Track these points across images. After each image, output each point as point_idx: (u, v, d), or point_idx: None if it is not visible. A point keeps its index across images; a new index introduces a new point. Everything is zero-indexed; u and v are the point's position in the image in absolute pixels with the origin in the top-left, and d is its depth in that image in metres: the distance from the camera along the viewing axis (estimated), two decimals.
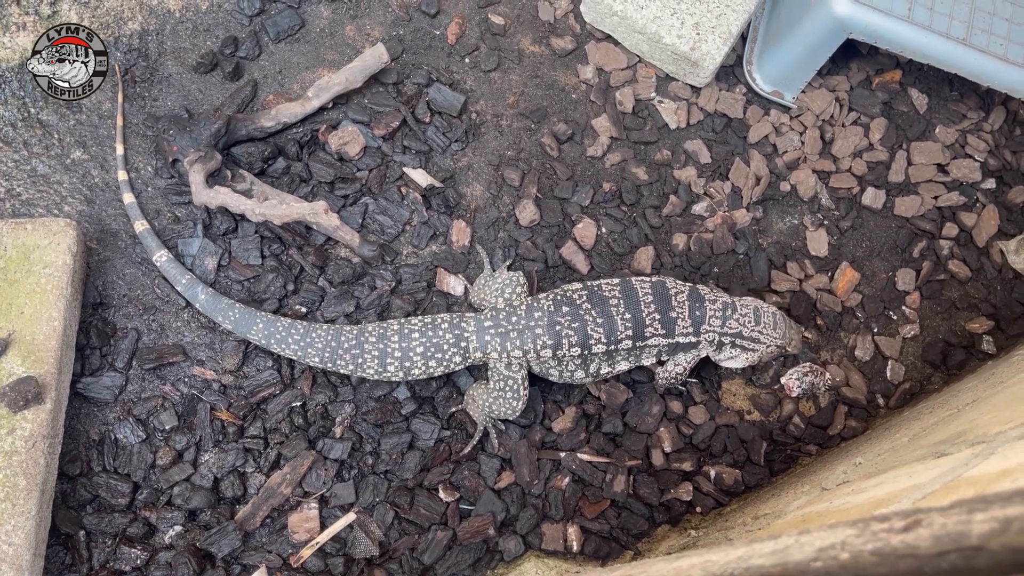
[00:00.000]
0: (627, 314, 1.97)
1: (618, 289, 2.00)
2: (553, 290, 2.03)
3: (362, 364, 1.94)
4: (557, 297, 1.99)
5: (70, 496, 1.90)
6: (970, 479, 1.12)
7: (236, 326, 1.98)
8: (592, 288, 2.00)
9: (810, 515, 1.58)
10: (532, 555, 1.96)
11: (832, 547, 0.73)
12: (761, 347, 2.08)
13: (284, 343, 1.95)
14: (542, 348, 1.94)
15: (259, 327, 1.96)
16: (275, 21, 2.41)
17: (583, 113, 2.51)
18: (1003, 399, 1.63)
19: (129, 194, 2.10)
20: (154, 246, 2.04)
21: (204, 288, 2.00)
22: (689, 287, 2.06)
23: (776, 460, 2.20)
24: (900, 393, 2.33)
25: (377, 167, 2.31)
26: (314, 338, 1.94)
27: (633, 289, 2.00)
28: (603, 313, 1.96)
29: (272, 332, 1.95)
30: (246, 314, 1.97)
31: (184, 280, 2.01)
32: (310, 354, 1.95)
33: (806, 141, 2.58)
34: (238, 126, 2.21)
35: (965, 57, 2.39)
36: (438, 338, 1.94)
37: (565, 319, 1.95)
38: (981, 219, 2.55)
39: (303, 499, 1.95)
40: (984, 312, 2.46)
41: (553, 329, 1.94)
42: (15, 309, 1.85)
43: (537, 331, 1.94)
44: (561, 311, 1.95)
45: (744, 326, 2.05)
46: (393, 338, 1.94)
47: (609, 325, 1.95)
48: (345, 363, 1.94)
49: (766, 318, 2.08)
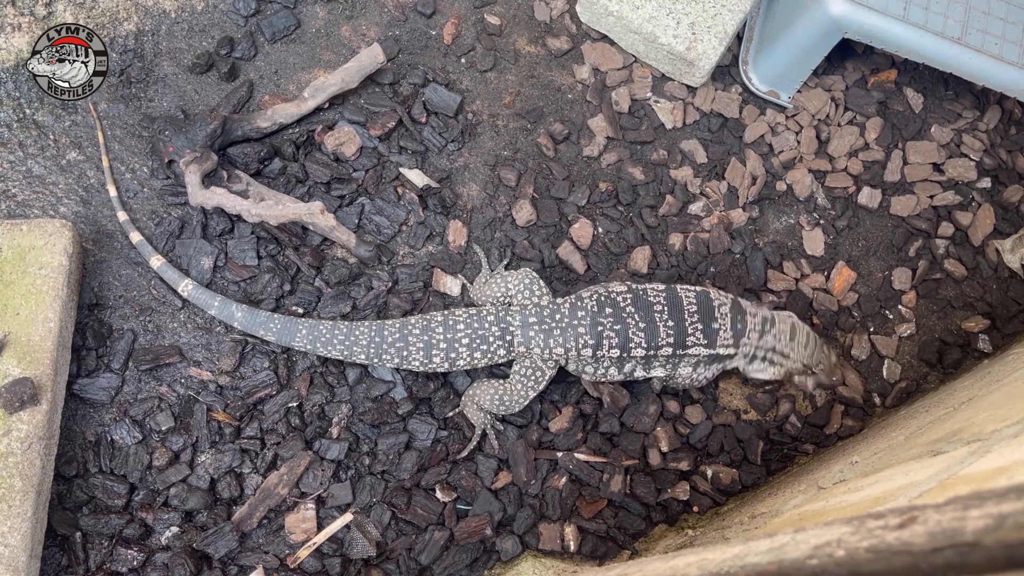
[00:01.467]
0: (670, 321, 1.98)
1: (663, 296, 2.01)
2: (595, 289, 2.04)
3: (407, 357, 1.95)
4: (600, 298, 1.99)
5: (66, 497, 1.89)
6: (966, 477, 1.13)
7: (279, 336, 1.97)
8: (637, 292, 2.01)
9: (807, 514, 1.58)
10: (529, 555, 1.96)
11: (828, 545, 0.73)
12: (787, 362, 2.11)
13: (330, 345, 1.96)
14: (583, 347, 1.95)
15: (303, 333, 1.96)
16: (271, 22, 2.41)
17: (579, 113, 2.51)
18: (999, 397, 1.63)
19: (142, 238, 2.08)
20: (176, 277, 2.03)
21: (239, 306, 1.99)
22: (731, 299, 2.07)
23: (773, 459, 2.20)
24: (896, 392, 2.33)
25: (373, 167, 2.31)
26: (358, 335, 1.95)
27: (678, 297, 2.01)
28: (646, 318, 1.97)
29: (317, 336, 1.96)
30: (288, 323, 1.97)
31: (216, 303, 2.00)
32: (356, 352, 1.96)
33: (802, 141, 2.58)
34: (234, 127, 2.21)
35: (960, 56, 2.39)
36: (484, 330, 1.95)
37: (608, 320, 1.96)
38: (977, 218, 2.56)
39: (300, 500, 1.95)
40: (980, 311, 2.47)
41: (595, 329, 1.95)
42: (11, 310, 1.84)
43: (580, 330, 1.95)
44: (604, 312, 1.96)
45: (778, 341, 2.09)
46: (438, 330, 1.95)
47: (651, 330, 1.97)
48: (391, 356, 1.95)
49: (800, 336, 2.11)
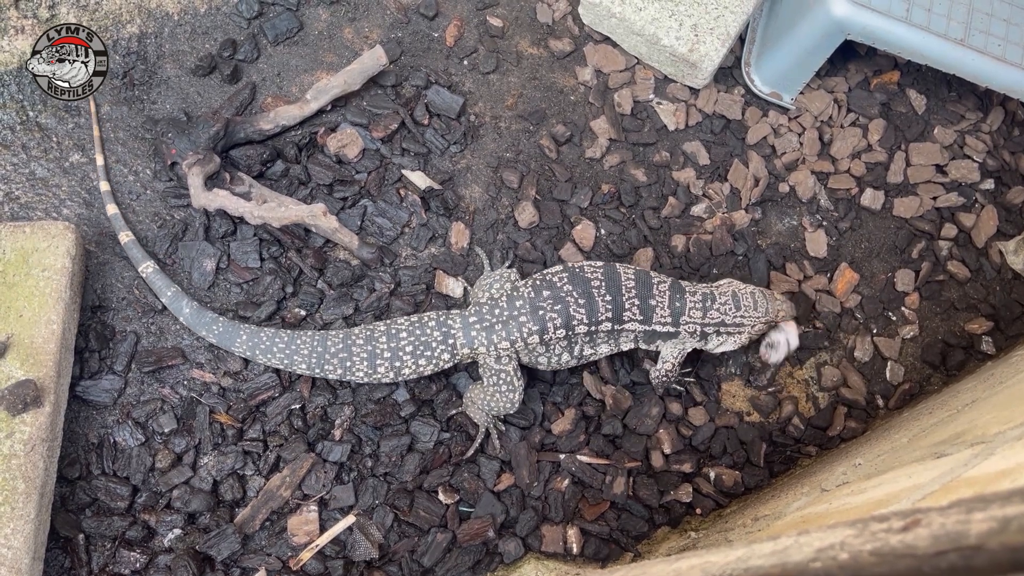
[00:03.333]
0: (607, 296, 1.97)
1: (601, 272, 2.00)
2: (531, 276, 2.03)
3: (351, 368, 1.94)
4: (536, 282, 1.98)
5: (69, 499, 1.89)
6: (969, 479, 1.12)
7: (220, 339, 1.98)
8: (574, 270, 2.00)
9: (810, 516, 1.58)
10: (532, 557, 1.96)
11: (831, 547, 0.73)
12: (747, 329, 2.08)
13: (269, 353, 1.95)
14: (528, 335, 1.93)
15: (242, 339, 1.96)
16: (273, 24, 2.41)
17: (582, 115, 2.51)
18: (1002, 399, 1.63)
19: (112, 205, 2.11)
20: (140, 256, 2.04)
21: (189, 302, 2.00)
22: (671, 279, 2.06)
23: (776, 461, 2.20)
24: (899, 394, 2.33)
25: (376, 169, 2.31)
26: (299, 345, 1.94)
27: (616, 273, 2.01)
28: (585, 294, 1.96)
29: (256, 343, 1.95)
30: (229, 327, 1.97)
31: (169, 293, 2.01)
32: (296, 362, 1.95)
33: (804, 142, 2.58)
34: (237, 129, 2.21)
35: (963, 58, 2.39)
36: (426, 336, 1.94)
37: (547, 303, 1.94)
38: (980, 220, 2.55)
39: (302, 502, 1.95)
40: (983, 313, 2.46)
41: (536, 314, 1.94)
42: (14, 312, 1.85)
43: (521, 319, 1.94)
44: (542, 295, 1.95)
45: (725, 315, 2.05)
46: (381, 339, 1.94)
47: (591, 306, 1.95)
48: (333, 367, 1.94)
49: (745, 300, 2.07)
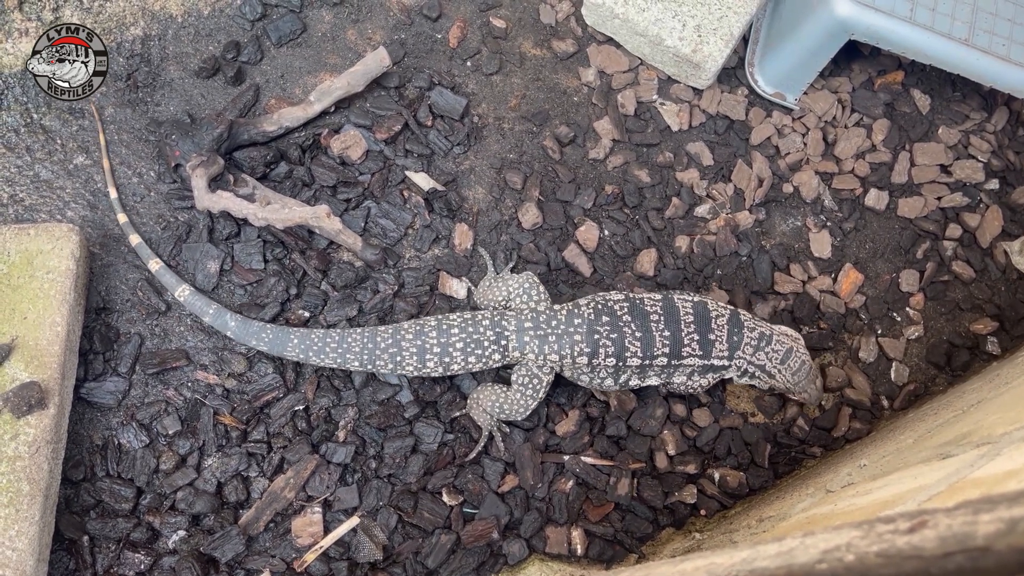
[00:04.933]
0: (666, 331, 1.97)
1: (660, 305, 1.99)
2: (593, 297, 2.02)
3: (401, 362, 1.94)
4: (598, 306, 1.98)
5: (73, 501, 1.90)
6: (975, 480, 1.12)
7: (271, 346, 1.98)
8: (634, 301, 2.00)
9: (815, 517, 1.57)
10: (536, 558, 1.96)
11: (837, 549, 0.73)
12: (772, 382, 2.10)
13: (323, 353, 1.95)
14: (579, 355, 1.94)
15: (294, 343, 1.96)
16: (277, 26, 2.41)
17: (585, 116, 2.51)
18: (1008, 400, 1.62)
19: (135, 235, 2.09)
20: (173, 281, 2.03)
21: (233, 315, 2.00)
22: (730, 311, 2.06)
23: (780, 462, 2.19)
24: (904, 395, 2.32)
25: (379, 171, 2.31)
26: (351, 343, 1.94)
27: (675, 307, 2.00)
28: (642, 327, 1.96)
29: (309, 345, 1.96)
30: (279, 333, 1.97)
31: (211, 311, 2.00)
32: (349, 359, 1.95)
33: (808, 143, 2.57)
34: (240, 131, 2.22)
35: (967, 58, 2.38)
36: (479, 335, 1.95)
37: (604, 328, 1.95)
38: (984, 220, 2.55)
39: (307, 503, 1.95)
40: (988, 313, 2.45)
41: (591, 337, 1.94)
42: (18, 314, 1.85)
43: (576, 337, 1.94)
44: (601, 320, 1.95)
45: (769, 360, 2.06)
46: (431, 334, 1.94)
47: (647, 340, 1.95)
48: (384, 363, 1.95)
49: (792, 361, 2.08)
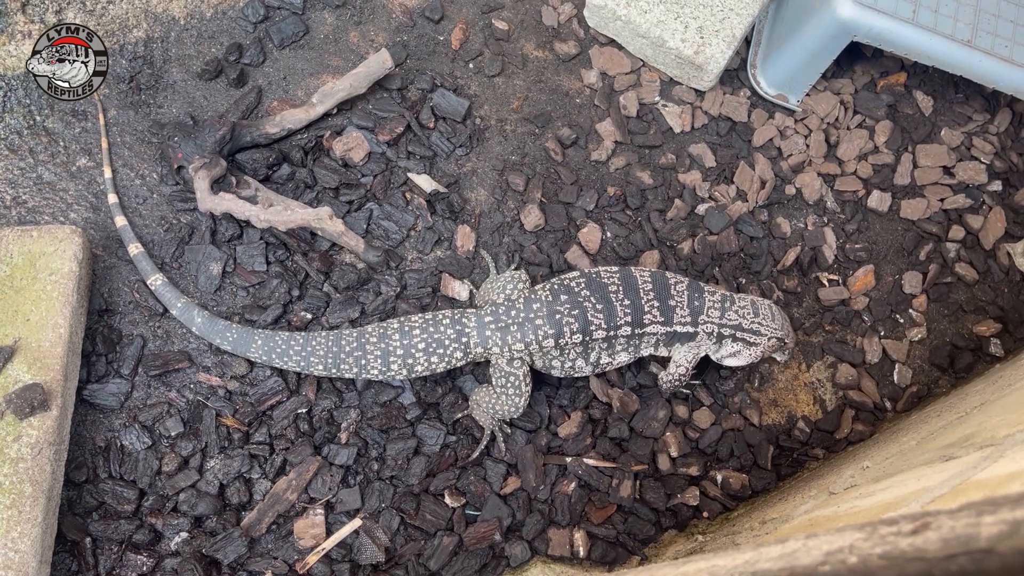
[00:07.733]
0: (626, 300, 1.97)
1: (617, 276, 2.00)
2: (549, 280, 2.03)
3: (366, 365, 1.94)
4: (554, 287, 1.99)
5: (76, 503, 1.90)
6: (979, 482, 1.12)
7: (234, 346, 1.98)
8: (590, 276, 2.00)
9: (818, 519, 1.57)
10: (539, 560, 1.95)
11: (840, 551, 0.73)
12: (763, 340, 2.06)
13: (286, 356, 1.96)
14: (544, 339, 1.93)
15: (258, 344, 1.97)
16: (279, 28, 2.42)
17: (587, 117, 2.51)
18: (1011, 402, 1.62)
19: (121, 216, 2.11)
20: (148, 269, 2.05)
21: (200, 311, 2.01)
22: (688, 279, 2.05)
23: (783, 464, 2.19)
24: (907, 396, 2.32)
25: (382, 173, 2.31)
26: (315, 346, 1.94)
27: (633, 277, 2.00)
28: (603, 299, 1.96)
29: (272, 347, 1.96)
30: (244, 333, 1.98)
31: (179, 304, 2.01)
32: (313, 363, 1.95)
33: (811, 144, 2.57)
34: (243, 132, 2.22)
35: (970, 59, 2.38)
36: (440, 333, 1.94)
37: (564, 307, 1.94)
38: (988, 221, 2.54)
39: (309, 505, 1.95)
40: (991, 315, 2.45)
41: (553, 318, 1.93)
42: (21, 316, 1.85)
43: (537, 322, 1.94)
44: (559, 300, 1.95)
45: (743, 318, 2.04)
46: (394, 336, 1.94)
47: (608, 311, 1.95)
48: (349, 367, 1.95)
49: (764, 310, 2.07)
